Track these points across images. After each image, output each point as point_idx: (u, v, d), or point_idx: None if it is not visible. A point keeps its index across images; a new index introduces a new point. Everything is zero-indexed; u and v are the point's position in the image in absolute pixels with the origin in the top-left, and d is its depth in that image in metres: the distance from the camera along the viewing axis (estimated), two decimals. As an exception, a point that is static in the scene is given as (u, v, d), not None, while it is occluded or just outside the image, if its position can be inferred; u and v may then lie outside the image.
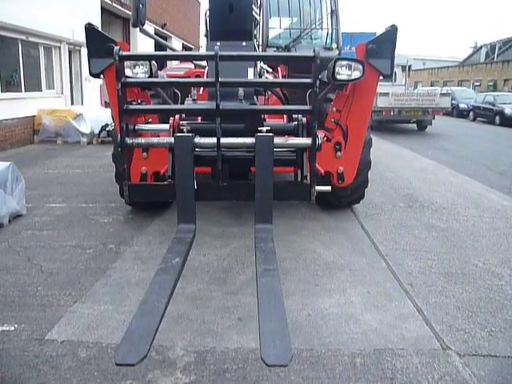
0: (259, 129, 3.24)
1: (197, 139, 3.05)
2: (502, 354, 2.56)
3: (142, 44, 15.59)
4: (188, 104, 3.46)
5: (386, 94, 13.43)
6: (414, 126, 15.72)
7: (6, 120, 9.35)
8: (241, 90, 3.17)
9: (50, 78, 11.33)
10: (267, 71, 4.15)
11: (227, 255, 3.93)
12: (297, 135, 3.35)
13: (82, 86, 12.70)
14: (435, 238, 4.51)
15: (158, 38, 5.17)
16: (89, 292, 3.26)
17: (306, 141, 3.20)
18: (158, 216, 4.98)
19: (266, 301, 2.16)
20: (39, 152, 9.37)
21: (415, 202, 5.87)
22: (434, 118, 14.67)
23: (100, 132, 10.72)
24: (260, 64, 3.93)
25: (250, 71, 3.50)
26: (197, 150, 3.09)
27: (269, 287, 2.30)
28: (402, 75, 16.63)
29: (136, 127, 3.37)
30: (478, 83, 35.02)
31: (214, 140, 3.07)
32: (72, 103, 12.23)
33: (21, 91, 10.11)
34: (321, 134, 3.70)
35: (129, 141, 3.14)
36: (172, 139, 3.08)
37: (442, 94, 14.30)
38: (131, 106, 3.23)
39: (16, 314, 2.93)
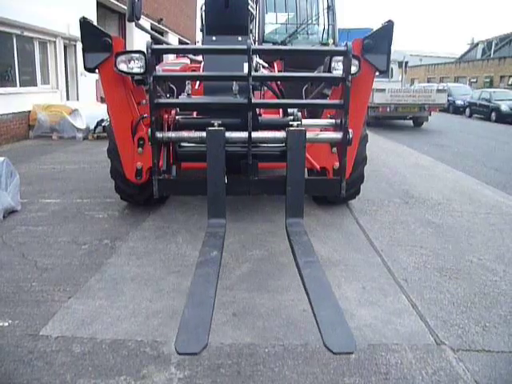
0: (290, 123, 3.24)
1: (228, 133, 3.04)
2: (496, 349, 2.57)
3: (138, 39, 15.49)
4: (214, 98, 3.44)
5: (383, 90, 13.42)
6: (411, 122, 15.75)
7: (1, 115, 9.30)
8: (235, 85, 3.16)
9: (45, 72, 11.26)
10: (263, 66, 4.13)
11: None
12: None
13: (77, 81, 12.63)
14: (430, 233, 4.52)
15: (153, 32, 5.14)
16: (83, 287, 3.25)
17: (337, 135, 3.22)
18: (153, 211, 4.97)
19: (316, 291, 2.20)
20: (34, 147, 9.33)
21: (411, 197, 5.88)
22: (430, 115, 14.69)
23: (95, 127, 10.67)
24: (256, 59, 3.92)
25: (246, 66, 3.48)
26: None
27: (315, 278, 2.34)
28: (399, 71, 16.61)
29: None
30: (474, 80, 35.08)
31: (245, 134, 3.07)
32: (68, 98, 12.17)
33: (16, 86, 10.04)
34: (316, 131, 3.70)
35: (159, 135, 3.13)
36: (203, 134, 3.06)
37: (438, 91, 14.31)
38: (161, 100, 3.22)
39: (10, 309, 2.92)
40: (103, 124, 10.45)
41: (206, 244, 2.76)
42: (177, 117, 3.36)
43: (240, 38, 3.53)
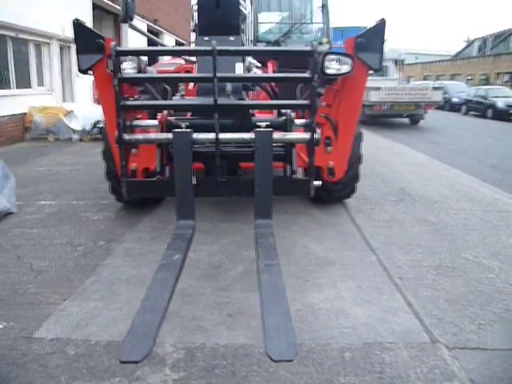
0: (258, 124, 3.23)
1: (195, 135, 3.04)
2: (491, 347, 2.57)
3: (134, 40, 15.47)
4: (185, 100, 3.44)
5: (378, 89, 13.42)
6: (407, 120, 15.77)
7: (-3, 117, 9.27)
8: (228, 85, 3.16)
9: (40, 74, 11.22)
10: (256, 66, 4.13)
11: (218, 251, 3.92)
12: (285, 130, 3.35)
13: (73, 83, 12.59)
14: (426, 231, 4.52)
15: (147, 33, 5.13)
16: (78, 289, 3.24)
17: (305, 136, 3.20)
18: (149, 213, 4.96)
19: (269, 296, 2.16)
20: (30, 149, 9.30)
21: (407, 195, 5.88)
22: (426, 112, 14.71)
23: (91, 129, 10.65)
24: (248, 59, 3.92)
25: (238, 66, 3.48)
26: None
27: (271, 282, 2.30)
28: (395, 69, 16.63)
29: (134, 123, 3.35)
30: (470, 77, 35.13)
31: (212, 136, 3.06)
32: (64, 100, 12.13)
33: (11, 88, 10.01)
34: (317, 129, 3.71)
35: (126, 137, 3.12)
36: (170, 135, 3.06)
37: (434, 88, 14.34)
38: (128, 102, 3.21)
39: (5, 312, 2.91)
40: (99, 125, 10.42)
41: (169, 247, 2.74)
42: (168, 118, 3.35)
43: (232, 38, 3.53)
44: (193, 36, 4.54)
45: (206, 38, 3.37)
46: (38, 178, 6.61)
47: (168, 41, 21.14)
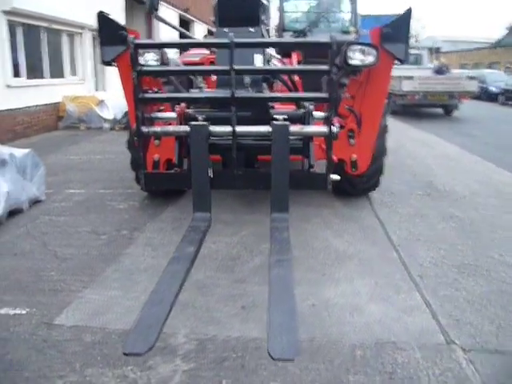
0: (275, 117, 3.20)
1: (212, 127, 3.03)
2: (510, 351, 2.49)
3: (165, 30, 15.58)
4: (203, 92, 3.45)
5: (411, 78, 13.05)
6: (440, 110, 15.28)
7: (32, 107, 9.55)
8: (247, 78, 3.14)
9: (73, 64, 11.48)
10: (276, 58, 4.09)
11: (237, 243, 3.94)
12: (303, 123, 3.30)
13: (105, 72, 12.82)
14: (451, 228, 4.40)
15: (172, 23, 5.14)
16: (99, 278, 3.33)
17: (323, 129, 3.16)
18: (172, 203, 5.03)
19: (277, 293, 2.15)
20: (63, 138, 9.56)
21: (434, 190, 5.73)
22: (460, 102, 14.20)
23: (122, 118, 10.83)
24: (268, 50, 3.87)
25: (257, 58, 3.45)
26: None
27: (280, 278, 2.29)
28: (429, 58, 16.10)
29: (152, 115, 3.38)
30: (510, 65, 33.62)
31: (228, 129, 3.06)
32: (96, 89, 12.39)
33: (45, 78, 10.29)
34: (335, 122, 3.65)
35: (145, 129, 3.16)
36: (187, 128, 3.08)
37: (469, 78, 13.80)
38: (147, 95, 3.24)
39: (28, 298, 3.03)
40: (129, 115, 10.59)
41: (184, 239, 2.75)
42: (186, 110, 3.37)
43: (252, 29, 3.49)
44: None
45: (226, 30, 3.35)
46: (68, 167, 6.79)
47: (199, 30, 21.17)
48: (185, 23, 19.51)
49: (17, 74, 9.19)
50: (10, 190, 4.42)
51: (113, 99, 11.08)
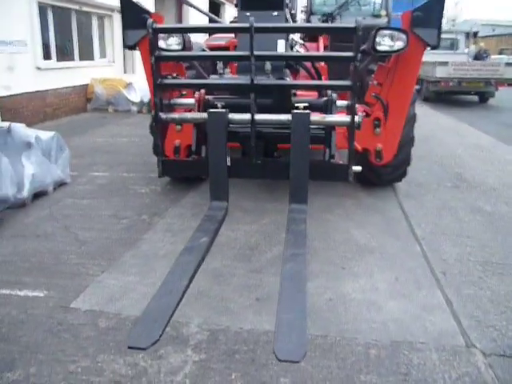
0: (296, 105, 3.11)
1: (231, 115, 2.97)
2: (534, 356, 2.37)
3: (195, 16, 15.46)
4: (222, 78, 3.38)
5: (445, 64, 12.56)
6: (475, 97, 14.69)
7: (61, 88, 9.69)
8: (268, 64, 3.05)
9: (102, 46, 11.56)
10: (299, 43, 3.96)
11: (256, 231, 3.90)
12: (325, 112, 3.19)
13: (134, 55, 12.85)
14: (479, 222, 4.22)
15: (197, 7, 5.06)
16: (117, 262, 3.35)
17: (345, 118, 3.05)
18: (193, 188, 5.02)
19: (288, 290, 2.09)
20: (90, 120, 9.69)
21: (463, 181, 5.51)
22: (497, 90, 13.59)
23: (149, 101, 10.88)
24: (292, 35, 3.75)
25: (280, 43, 3.34)
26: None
27: (293, 274, 2.23)
28: (466, 43, 15.44)
29: (171, 101, 3.34)
30: (554, 51, 31.96)
31: (247, 116, 2.98)
32: (124, 71, 12.46)
33: (74, 60, 10.41)
34: (360, 111, 3.51)
35: (163, 116, 3.12)
36: (205, 115, 3.01)
37: (507, 64, 13.17)
38: (165, 81, 3.20)
39: (47, 280, 3.08)
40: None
41: (199, 228, 2.71)
42: (206, 96, 3.31)
43: (275, 13, 3.38)
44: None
45: (248, 14, 3.25)
46: (94, 149, 6.88)
47: (230, 11, 20.92)
48: (215, 6, 19.32)
49: (47, 56, 9.31)
50: (36, 173, 4.49)
51: (140, 82, 11.13)
